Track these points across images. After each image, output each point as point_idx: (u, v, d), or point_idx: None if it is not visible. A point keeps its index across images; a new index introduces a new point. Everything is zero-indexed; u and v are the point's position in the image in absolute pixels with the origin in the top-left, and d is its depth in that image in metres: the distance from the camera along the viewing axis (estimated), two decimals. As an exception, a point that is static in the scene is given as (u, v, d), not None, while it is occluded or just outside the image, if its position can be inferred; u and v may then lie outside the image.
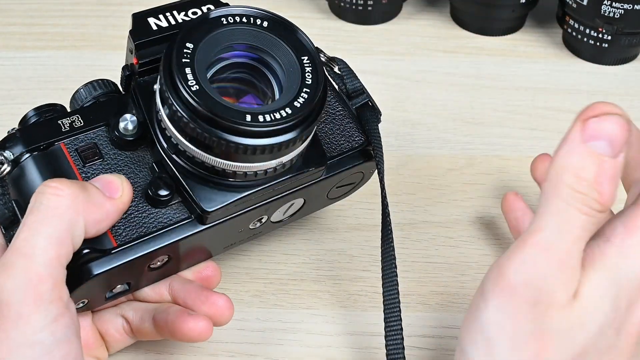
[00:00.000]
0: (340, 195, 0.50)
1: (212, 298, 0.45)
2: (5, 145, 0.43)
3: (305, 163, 0.44)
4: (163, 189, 0.42)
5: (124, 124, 0.43)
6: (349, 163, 0.46)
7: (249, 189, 0.42)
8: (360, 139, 0.47)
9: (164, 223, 0.42)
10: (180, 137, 0.41)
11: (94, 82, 0.45)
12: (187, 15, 0.44)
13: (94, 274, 0.40)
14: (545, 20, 0.71)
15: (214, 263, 0.47)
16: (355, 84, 0.48)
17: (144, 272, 0.43)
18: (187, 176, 0.42)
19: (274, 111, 0.40)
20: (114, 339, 0.46)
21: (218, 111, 0.39)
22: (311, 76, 0.41)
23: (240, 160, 0.41)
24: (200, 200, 0.42)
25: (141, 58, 0.43)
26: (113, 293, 0.43)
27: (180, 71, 0.39)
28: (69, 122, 0.43)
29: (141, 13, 0.44)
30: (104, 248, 0.41)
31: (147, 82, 0.43)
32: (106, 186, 0.41)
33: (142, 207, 0.42)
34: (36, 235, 0.38)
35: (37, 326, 0.37)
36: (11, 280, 0.37)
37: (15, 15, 0.70)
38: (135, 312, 0.45)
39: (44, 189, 0.39)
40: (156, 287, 0.46)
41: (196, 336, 0.43)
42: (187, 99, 0.39)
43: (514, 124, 0.62)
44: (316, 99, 0.41)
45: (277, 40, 0.43)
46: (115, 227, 0.41)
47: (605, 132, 0.35)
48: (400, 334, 0.43)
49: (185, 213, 0.43)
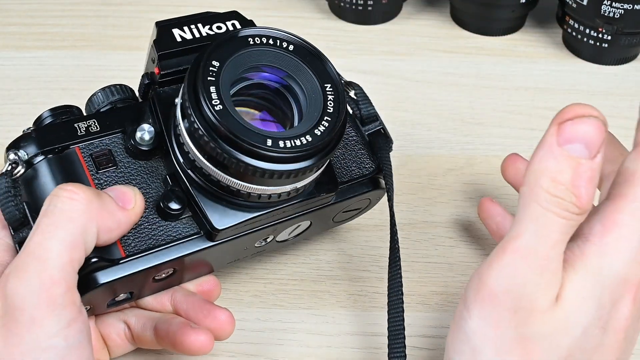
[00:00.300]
0: (344, 220, 0.51)
1: (214, 312, 0.45)
2: (19, 145, 0.42)
3: (317, 188, 0.44)
4: (175, 203, 0.42)
5: (140, 134, 0.43)
6: (359, 190, 0.47)
7: (260, 210, 0.43)
8: (371, 167, 0.47)
9: (173, 237, 0.42)
10: (198, 154, 0.40)
11: (112, 87, 0.45)
12: (211, 29, 0.44)
13: (100, 283, 0.40)
14: (545, 20, 0.71)
15: (214, 277, 0.47)
16: (370, 110, 0.49)
17: (148, 283, 0.43)
18: (200, 192, 0.42)
19: (294, 137, 0.40)
20: (115, 343, 0.46)
21: (239, 133, 0.39)
22: (333, 105, 0.41)
23: (256, 182, 0.41)
24: (212, 218, 0.42)
25: (163, 69, 0.43)
26: (115, 301, 0.43)
27: (205, 89, 0.39)
28: (85, 126, 0.43)
29: (165, 22, 0.44)
30: (112, 258, 0.40)
31: (167, 93, 0.43)
32: (120, 196, 0.41)
33: (152, 219, 0.42)
34: (50, 239, 0.37)
35: (51, 331, 0.37)
36: (25, 284, 0.37)
37: (15, 15, 0.70)
38: (137, 319, 0.45)
39: (59, 192, 0.39)
40: (158, 297, 0.46)
41: (196, 350, 0.43)
42: (209, 118, 0.39)
43: (514, 124, 0.62)
44: (336, 129, 0.41)
45: (302, 65, 0.43)
46: (124, 238, 0.41)
47: (580, 134, 0.35)
48: (402, 343, 0.43)
49: (195, 228, 0.43)
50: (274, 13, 0.71)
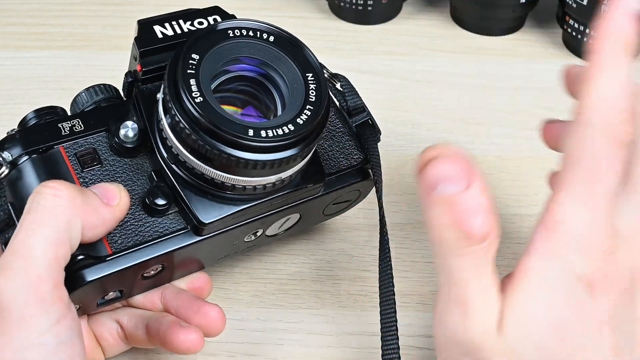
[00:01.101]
0: (335, 212, 0.51)
1: (204, 308, 0.44)
2: (3, 146, 0.42)
3: (304, 179, 0.44)
4: (160, 198, 0.42)
5: (124, 131, 0.43)
6: (347, 181, 0.47)
7: (246, 202, 0.42)
8: (359, 157, 0.47)
9: (160, 232, 0.42)
10: (181, 147, 0.40)
11: (96, 87, 0.45)
12: (192, 25, 0.44)
13: (87, 280, 0.40)
14: (545, 20, 0.71)
15: (205, 274, 0.47)
16: (357, 102, 0.48)
17: (137, 280, 0.43)
18: (186, 187, 0.42)
19: (276, 127, 0.39)
20: (108, 343, 0.46)
21: (221, 124, 0.39)
22: (315, 93, 0.41)
23: (240, 174, 0.40)
24: (198, 212, 0.42)
25: (145, 65, 0.43)
26: (105, 300, 0.43)
27: (185, 82, 0.39)
28: (69, 125, 0.43)
29: (146, 20, 0.44)
30: (99, 255, 0.40)
31: (149, 90, 0.43)
32: (104, 193, 0.41)
33: (138, 216, 0.42)
34: (34, 236, 0.37)
35: (40, 328, 0.37)
36: (11, 283, 0.37)
37: (15, 15, 0.70)
38: (129, 318, 0.45)
39: (42, 190, 0.39)
40: (149, 295, 0.46)
41: (186, 348, 0.43)
42: (190, 111, 0.39)
43: (514, 124, 0.62)
44: (319, 117, 0.41)
45: (283, 55, 0.42)
46: (110, 235, 0.41)
47: (440, 175, 0.35)
48: (396, 344, 0.43)
49: (182, 223, 0.42)
50: (274, 13, 0.71)
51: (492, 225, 0.36)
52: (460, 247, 0.35)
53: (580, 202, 0.36)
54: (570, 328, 0.36)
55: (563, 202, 0.36)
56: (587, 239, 0.36)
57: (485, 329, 0.36)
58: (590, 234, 0.36)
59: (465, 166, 0.35)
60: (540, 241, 0.36)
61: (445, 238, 0.36)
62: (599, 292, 0.36)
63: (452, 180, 0.35)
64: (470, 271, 0.36)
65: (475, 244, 0.35)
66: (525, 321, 0.36)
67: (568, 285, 0.36)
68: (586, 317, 0.36)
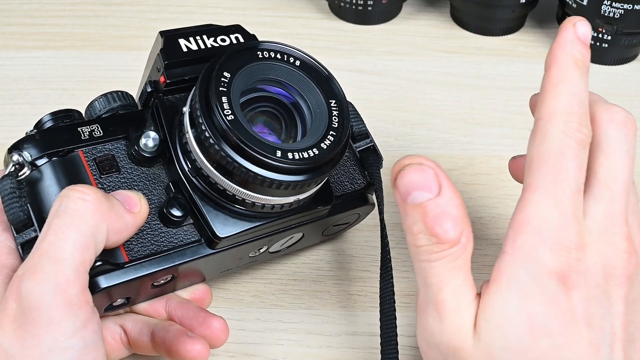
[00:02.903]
0: (333, 233, 0.52)
1: (208, 320, 0.45)
2: (22, 146, 0.42)
3: (315, 201, 0.45)
4: (177, 209, 0.42)
5: (145, 140, 0.43)
6: (350, 204, 0.48)
7: (261, 220, 0.43)
8: (362, 182, 0.49)
9: (175, 243, 0.43)
10: (206, 162, 0.41)
11: (113, 93, 0.45)
12: (215, 42, 0.45)
13: (102, 287, 0.40)
14: (545, 20, 0.71)
15: (206, 285, 0.48)
16: (361, 127, 0.50)
17: (146, 289, 0.43)
18: (204, 200, 0.43)
19: (302, 150, 0.41)
20: (111, 347, 0.45)
21: (250, 143, 0.39)
22: (337, 120, 0.42)
23: (262, 192, 0.41)
24: (214, 225, 0.42)
25: (169, 77, 0.43)
26: (112, 306, 0.43)
27: (218, 99, 0.40)
28: (88, 130, 0.43)
29: (170, 32, 0.44)
30: (117, 262, 0.41)
31: (170, 101, 0.44)
32: (126, 200, 0.41)
33: (154, 225, 0.42)
34: (64, 240, 0.37)
35: (68, 331, 0.37)
36: (41, 285, 0.37)
37: (15, 15, 0.70)
38: (134, 324, 0.45)
39: (70, 193, 0.39)
40: (153, 303, 0.46)
41: (192, 358, 0.43)
42: (221, 127, 0.39)
43: (514, 124, 0.62)
44: (342, 144, 0.42)
45: (308, 80, 0.43)
46: (127, 242, 0.41)
47: (411, 183, 0.37)
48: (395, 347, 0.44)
49: (196, 236, 0.43)
50: (274, 13, 0.71)
51: (464, 229, 0.37)
52: (433, 252, 0.37)
53: (547, 201, 0.37)
54: (545, 325, 0.36)
55: (531, 202, 0.37)
56: (557, 236, 0.37)
57: (461, 332, 0.37)
58: (560, 231, 0.37)
59: (435, 174, 0.37)
60: (511, 241, 0.37)
61: (420, 244, 0.37)
62: (572, 287, 0.36)
63: (423, 188, 0.37)
64: (443, 275, 0.37)
65: (447, 248, 0.37)
66: (500, 323, 0.37)
67: (540, 282, 0.36)
68: (561, 313, 0.36)
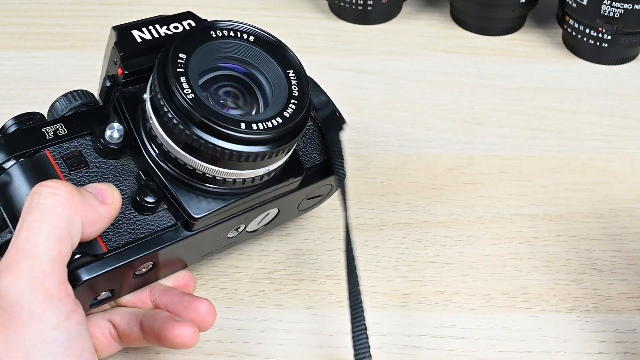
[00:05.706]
0: (308, 207, 0.52)
1: (194, 303, 0.45)
2: None
3: (285, 173, 0.46)
4: (150, 196, 0.43)
5: (110, 132, 0.43)
6: (321, 175, 0.48)
7: (234, 197, 0.44)
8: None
9: (151, 229, 0.43)
10: (173, 144, 0.42)
11: (74, 92, 0.46)
12: (169, 29, 0.45)
13: (84, 279, 0.41)
14: (545, 20, 0.71)
15: (188, 272, 0.48)
16: (321, 98, 0.50)
17: (128, 279, 0.44)
18: (175, 183, 0.43)
19: (265, 120, 0.41)
20: (102, 343, 0.45)
21: (214, 119, 0.40)
22: (297, 88, 0.43)
23: (231, 167, 0.42)
24: (189, 207, 0.43)
25: (127, 69, 0.44)
26: (97, 300, 0.44)
27: (177, 80, 0.40)
28: (52, 130, 0.44)
29: (123, 26, 0.45)
30: (95, 253, 0.41)
31: (131, 92, 0.45)
32: (98, 192, 0.41)
33: (129, 214, 0.43)
34: (37, 234, 0.38)
35: (51, 324, 0.37)
36: (18, 281, 0.37)
37: (15, 15, 0.70)
38: (122, 316, 0.45)
39: (40, 189, 0.39)
40: (138, 294, 0.46)
41: (182, 343, 0.43)
42: (183, 107, 0.40)
43: (514, 124, 0.62)
44: (304, 110, 0.43)
45: (264, 54, 0.44)
46: (105, 233, 0.42)
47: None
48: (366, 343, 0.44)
49: (172, 220, 0.44)
50: (274, 13, 0.71)
51: None
52: None
53: None
54: None
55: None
56: None
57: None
58: None
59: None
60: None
61: None
62: None
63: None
64: None
65: None
66: None
67: None
68: None
